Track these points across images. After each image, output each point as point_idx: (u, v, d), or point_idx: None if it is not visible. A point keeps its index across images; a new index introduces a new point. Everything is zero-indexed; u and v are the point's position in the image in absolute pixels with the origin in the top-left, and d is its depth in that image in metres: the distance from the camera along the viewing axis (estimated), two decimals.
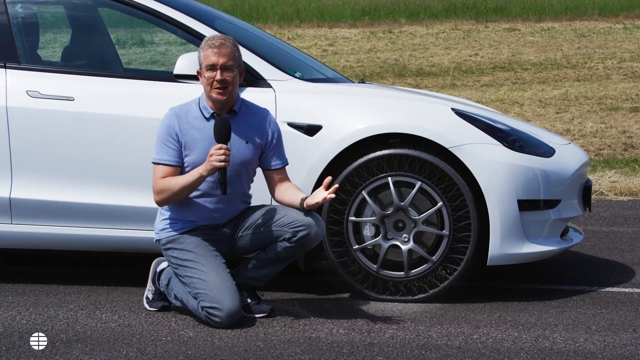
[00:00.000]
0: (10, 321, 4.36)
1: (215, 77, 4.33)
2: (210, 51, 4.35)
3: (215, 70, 4.33)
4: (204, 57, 4.36)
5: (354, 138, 4.71)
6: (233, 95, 4.42)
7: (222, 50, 4.34)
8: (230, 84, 4.35)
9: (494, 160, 4.68)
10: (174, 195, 4.34)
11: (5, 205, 4.88)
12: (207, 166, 4.24)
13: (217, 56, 4.33)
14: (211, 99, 4.38)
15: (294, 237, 4.33)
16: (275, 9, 28.78)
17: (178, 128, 4.36)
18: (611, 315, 4.57)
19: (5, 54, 4.99)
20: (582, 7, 27.86)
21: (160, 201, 4.38)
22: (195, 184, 4.31)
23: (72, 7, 5.60)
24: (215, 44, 4.36)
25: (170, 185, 4.32)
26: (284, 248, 4.37)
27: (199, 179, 4.28)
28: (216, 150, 4.22)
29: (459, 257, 4.71)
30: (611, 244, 6.35)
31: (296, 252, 4.42)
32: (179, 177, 4.34)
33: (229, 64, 4.34)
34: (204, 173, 4.26)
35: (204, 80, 4.37)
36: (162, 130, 4.39)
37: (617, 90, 16.26)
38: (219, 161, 4.21)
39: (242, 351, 3.94)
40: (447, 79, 18.83)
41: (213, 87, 4.34)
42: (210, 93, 4.36)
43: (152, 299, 4.57)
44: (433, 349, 4.00)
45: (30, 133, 4.87)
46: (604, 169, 9.57)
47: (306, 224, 4.32)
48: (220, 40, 4.38)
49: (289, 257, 4.44)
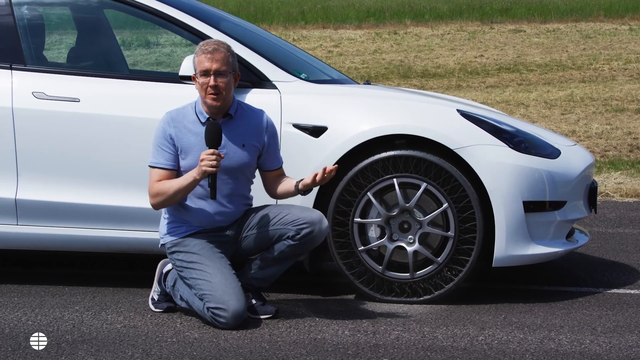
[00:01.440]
0: (15, 322, 4.36)
1: (209, 82, 4.32)
2: (203, 57, 4.34)
3: (209, 76, 4.32)
4: (198, 62, 4.36)
5: (359, 139, 4.71)
6: (228, 100, 4.41)
7: (215, 56, 4.33)
8: (223, 90, 4.34)
9: (499, 161, 4.67)
10: (169, 199, 4.34)
11: (11, 206, 4.88)
12: (199, 170, 4.25)
13: (211, 62, 4.32)
14: (206, 104, 4.38)
15: (298, 234, 4.34)
16: (281, 10, 28.81)
17: (174, 132, 4.37)
18: (617, 317, 4.56)
19: (11, 55, 5.00)
20: (588, 8, 27.84)
21: (156, 204, 4.39)
22: (189, 188, 4.31)
23: (78, 8, 5.61)
24: (209, 49, 4.35)
25: (165, 188, 4.33)
26: (288, 246, 4.37)
27: (192, 182, 4.29)
28: (207, 155, 4.22)
29: (464, 259, 4.71)
30: (617, 246, 6.35)
31: (300, 251, 4.42)
32: (173, 181, 4.34)
33: (223, 69, 4.33)
34: (197, 177, 4.27)
35: (198, 86, 4.37)
36: (158, 134, 4.39)
37: (623, 92, 16.24)
38: (210, 166, 4.21)
39: (247, 352, 3.94)
40: (453, 80, 18.82)
41: (207, 93, 4.34)
42: (205, 99, 4.36)
43: (158, 300, 4.58)
44: (438, 351, 4.00)
45: (35, 134, 4.88)
46: (610, 170, 9.56)
47: (309, 221, 4.33)
48: (213, 46, 4.37)
49: (294, 256, 4.44)
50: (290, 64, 5.21)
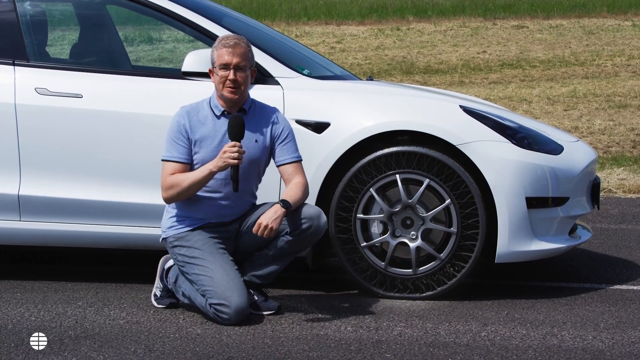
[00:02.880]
0: (19, 318, 4.37)
1: (229, 76, 4.35)
2: (224, 50, 4.37)
3: (229, 69, 4.35)
4: (218, 55, 4.38)
5: (362, 135, 4.71)
6: (244, 95, 4.44)
7: (236, 50, 4.36)
8: (242, 84, 4.37)
9: (502, 157, 4.67)
10: (183, 192, 4.34)
11: (14, 202, 4.89)
12: (218, 163, 4.26)
13: (231, 56, 4.35)
14: (222, 97, 4.40)
15: (296, 229, 4.35)
16: (283, 6, 28.79)
17: (189, 126, 4.38)
18: (620, 313, 4.56)
19: (14, 51, 5.00)
20: (591, 4, 27.80)
21: (169, 197, 4.39)
22: (205, 181, 4.32)
23: (81, 4, 5.61)
24: (230, 43, 4.38)
25: (179, 181, 4.33)
26: (287, 242, 4.38)
27: (208, 175, 4.30)
28: (230, 147, 4.24)
29: (467, 255, 4.70)
30: (620, 242, 6.34)
31: (299, 246, 4.43)
32: (188, 174, 4.35)
33: (242, 64, 4.37)
34: (213, 169, 4.28)
35: (217, 79, 4.38)
36: (173, 127, 4.40)
37: (626, 88, 16.22)
38: (233, 158, 4.23)
39: (250, 348, 3.95)
40: (455, 76, 18.81)
41: (225, 86, 4.36)
42: (222, 91, 4.38)
43: (160, 296, 4.58)
44: (441, 347, 4.00)
45: (38, 130, 4.88)
46: (613, 166, 9.55)
47: (308, 216, 4.34)
48: (235, 40, 4.40)
49: (293, 252, 4.45)
50: (293, 60, 5.21)
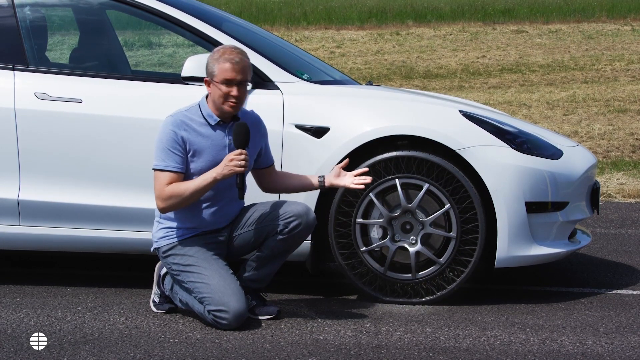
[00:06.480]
0: (18, 323, 4.37)
1: (232, 92, 4.32)
2: (228, 65, 4.31)
3: (232, 85, 4.32)
4: (220, 70, 4.32)
5: (361, 140, 4.71)
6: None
7: (240, 66, 4.32)
8: (243, 99, 4.38)
9: (501, 162, 4.67)
10: (184, 201, 4.32)
11: (14, 207, 4.89)
12: (224, 170, 4.24)
13: (236, 73, 4.31)
14: (221, 110, 4.38)
15: (286, 228, 4.36)
16: (283, 11, 28.82)
17: (186, 135, 4.34)
18: (619, 318, 4.56)
19: (14, 56, 5.00)
20: (590, 9, 27.84)
21: (167, 207, 4.35)
22: (207, 189, 4.31)
23: (80, 9, 5.61)
24: (235, 59, 4.33)
25: (180, 190, 4.31)
26: (278, 241, 4.39)
27: (211, 182, 4.29)
28: (237, 155, 4.23)
29: (466, 260, 4.70)
30: (619, 247, 6.34)
31: (291, 245, 4.43)
32: (188, 183, 4.32)
33: (245, 79, 4.36)
34: (218, 177, 4.27)
35: (217, 92, 4.34)
36: (167, 137, 4.35)
37: (625, 92, 16.24)
38: (239, 166, 4.23)
39: (249, 353, 3.94)
40: (455, 81, 18.83)
41: (227, 101, 4.34)
42: (223, 105, 4.35)
43: (159, 302, 4.57)
44: (440, 351, 4.00)
45: (38, 135, 4.88)
46: (612, 171, 9.56)
47: (296, 214, 4.35)
48: (239, 56, 4.35)
49: (285, 252, 4.45)
50: (293, 64, 5.21)
